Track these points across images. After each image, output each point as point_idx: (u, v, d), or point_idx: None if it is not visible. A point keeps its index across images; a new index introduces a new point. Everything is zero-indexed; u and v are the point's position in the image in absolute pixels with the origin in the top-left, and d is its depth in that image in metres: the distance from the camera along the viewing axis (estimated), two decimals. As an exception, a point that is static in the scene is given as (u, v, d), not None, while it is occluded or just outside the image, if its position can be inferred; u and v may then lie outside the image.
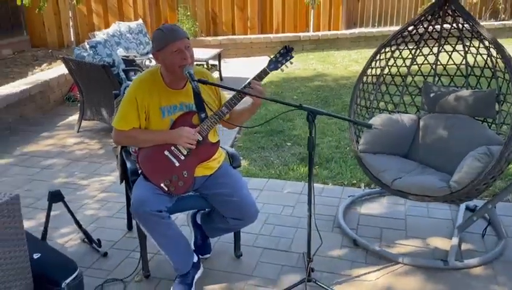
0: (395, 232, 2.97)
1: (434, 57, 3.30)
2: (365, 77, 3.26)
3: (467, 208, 3.16)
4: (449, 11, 3.02)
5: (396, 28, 3.18)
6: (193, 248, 2.58)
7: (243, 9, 9.02)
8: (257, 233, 2.96)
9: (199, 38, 8.45)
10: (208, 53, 6.68)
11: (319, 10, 9.33)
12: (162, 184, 2.29)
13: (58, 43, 7.93)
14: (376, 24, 9.87)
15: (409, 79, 3.38)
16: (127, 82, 3.88)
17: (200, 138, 2.30)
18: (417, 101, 3.40)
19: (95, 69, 4.43)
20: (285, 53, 2.31)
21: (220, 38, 8.64)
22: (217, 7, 8.92)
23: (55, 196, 2.68)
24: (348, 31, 9.39)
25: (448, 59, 3.25)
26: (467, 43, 3.14)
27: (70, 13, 7.32)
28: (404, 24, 3.15)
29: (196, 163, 2.35)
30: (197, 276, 2.45)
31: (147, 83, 2.31)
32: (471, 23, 2.88)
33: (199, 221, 2.70)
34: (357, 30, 9.52)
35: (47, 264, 2.26)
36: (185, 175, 2.32)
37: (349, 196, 3.36)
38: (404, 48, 3.29)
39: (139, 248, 2.53)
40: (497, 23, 9.96)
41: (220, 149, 2.50)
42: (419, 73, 3.37)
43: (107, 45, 4.91)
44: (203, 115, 2.32)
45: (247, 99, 2.33)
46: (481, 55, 3.05)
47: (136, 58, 5.59)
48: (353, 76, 6.80)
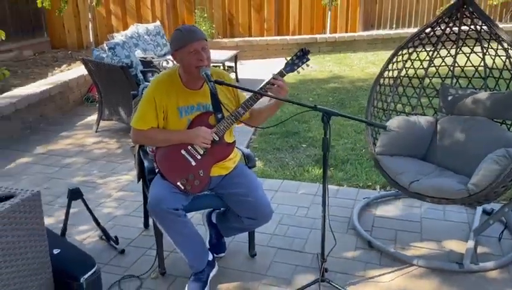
0: (410, 234, 2.96)
1: (452, 59, 3.28)
2: (382, 79, 3.25)
3: (484, 212, 3.13)
4: (467, 13, 3.00)
5: (414, 30, 3.16)
6: (208, 247, 2.61)
7: (260, 11, 9.05)
8: (271, 233, 2.98)
9: (216, 40, 8.52)
10: (224, 55, 6.73)
11: (336, 12, 9.31)
12: (179, 183, 2.32)
13: (77, 45, 8.09)
14: (394, 26, 9.81)
15: (427, 81, 3.36)
16: (145, 83, 3.94)
17: (217, 138, 2.33)
18: (435, 103, 3.38)
19: (114, 70, 4.51)
20: (301, 55, 2.31)
21: (237, 40, 8.69)
22: (234, 9, 8.98)
23: (74, 194, 2.74)
24: (365, 33, 9.35)
25: (466, 61, 3.22)
26: (485, 45, 3.11)
27: (89, 15, 7.45)
28: (421, 26, 3.13)
29: (212, 163, 2.38)
30: (212, 274, 2.48)
31: (165, 84, 2.35)
32: (489, 24, 2.85)
33: (214, 220, 2.72)
34: (375, 32, 9.48)
35: (66, 259, 2.32)
36: (201, 174, 2.35)
37: (364, 198, 3.35)
38: (421, 50, 3.28)
39: (156, 246, 2.57)
40: (517, 25, 9.81)
41: (236, 149, 2.53)
42: (436, 75, 3.36)
43: (126, 47, 4.99)
44: (220, 116, 2.34)
45: (262, 100, 2.35)
46: (499, 56, 3.03)
47: (154, 59, 5.66)
48: (370, 78, 6.77)
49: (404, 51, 3.24)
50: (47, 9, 6.61)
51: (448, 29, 3.16)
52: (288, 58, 2.33)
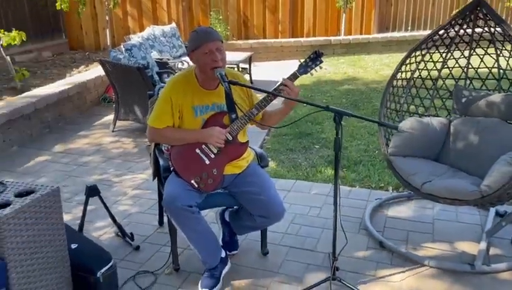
0: (422, 235, 2.96)
1: (465, 61, 3.28)
2: (395, 81, 3.27)
3: (497, 213, 3.12)
4: (480, 15, 3.00)
5: (429, 32, 3.17)
6: (221, 244, 2.66)
7: (274, 13, 9.10)
8: (283, 232, 3.01)
9: (230, 41, 8.58)
10: (239, 56, 6.78)
11: (351, 14, 9.30)
12: (193, 181, 2.38)
13: (94, 46, 8.23)
14: (409, 28, 9.77)
15: (440, 82, 3.37)
16: (161, 84, 4.01)
17: (230, 138, 2.38)
18: (448, 105, 3.38)
19: (130, 71, 4.59)
20: (315, 58, 2.34)
21: (251, 41, 8.74)
22: (249, 11, 9.03)
23: (92, 190, 2.82)
24: (380, 35, 9.32)
25: (479, 62, 3.22)
26: (499, 47, 3.11)
27: (106, 17, 7.58)
28: (435, 28, 3.15)
29: (226, 161, 2.43)
30: (225, 271, 2.53)
31: (181, 84, 2.41)
32: (503, 26, 2.85)
33: (227, 218, 2.77)
34: (389, 34, 9.44)
35: (83, 254, 2.39)
36: (215, 173, 2.40)
37: (376, 199, 3.37)
38: (434, 52, 3.29)
39: (170, 243, 2.62)
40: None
41: (249, 149, 2.57)
42: (450, 76, 3.36)
43: (142, 48, 5.08)
44: (234, 116, 2.39)
45: (275, 103, 2.38)
46: (514, 58, 3.02)
47: (169, 60, 5.75)
48: (384, 80, 6.75)
49: (417, 53, 3.25)
50: (65, 11, 6.75)
51: (461, 30, 3.17)
52: (301, 60, 2.36)
